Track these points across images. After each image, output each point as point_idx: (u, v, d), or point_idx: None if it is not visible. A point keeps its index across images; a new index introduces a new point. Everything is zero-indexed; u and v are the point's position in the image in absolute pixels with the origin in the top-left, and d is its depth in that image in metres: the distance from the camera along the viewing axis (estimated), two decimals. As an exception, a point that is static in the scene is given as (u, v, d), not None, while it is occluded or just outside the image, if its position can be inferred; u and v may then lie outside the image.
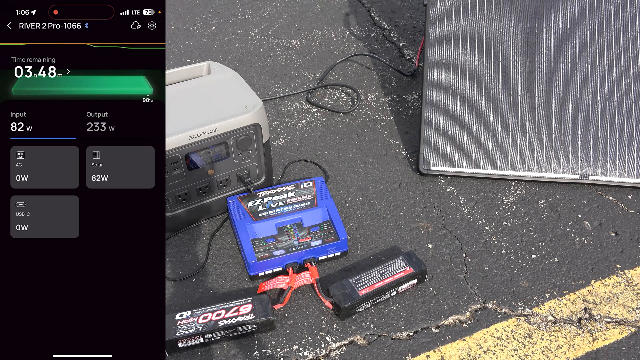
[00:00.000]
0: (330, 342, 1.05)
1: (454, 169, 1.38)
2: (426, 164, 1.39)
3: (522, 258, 1.21)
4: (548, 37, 1.43)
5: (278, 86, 1.75)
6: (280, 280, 1.12)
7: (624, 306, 1.11)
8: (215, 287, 1.15)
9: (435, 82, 1.43)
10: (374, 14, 2.12)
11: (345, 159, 1.47)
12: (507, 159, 1.37)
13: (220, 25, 2.07)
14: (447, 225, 1.29)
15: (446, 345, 1.05)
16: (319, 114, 1.63)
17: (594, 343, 1.05)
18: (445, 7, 1.48)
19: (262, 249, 1.15)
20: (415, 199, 1.35)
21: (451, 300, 1.12)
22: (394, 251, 1.23)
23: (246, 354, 1.03)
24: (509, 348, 1.04)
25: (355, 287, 1.08)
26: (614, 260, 1.20)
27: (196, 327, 1.01)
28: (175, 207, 1.21)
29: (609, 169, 1.34)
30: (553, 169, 1.36)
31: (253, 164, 1.26)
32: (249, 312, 1.04)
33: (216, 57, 1.89)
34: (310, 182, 1.28)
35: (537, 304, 1.12)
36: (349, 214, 1.32)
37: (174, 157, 1.13)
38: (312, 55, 1.89)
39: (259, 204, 1.23)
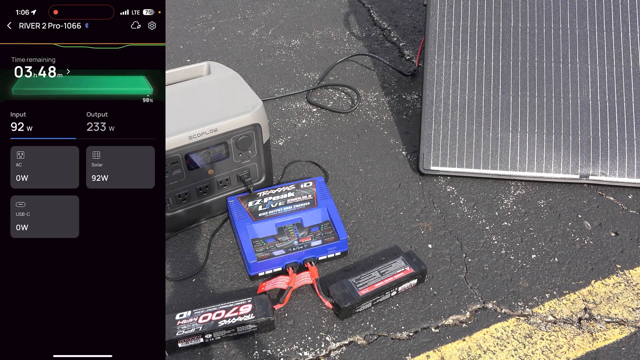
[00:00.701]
0: (330, 342, 1.05)
1: (454, 169, 1.38)
2: (426, 164, 1.39)
3: (522, 258, 1.21)
4: (548, 37, 1.43)
5: (278, 86, 1.75)
6: (280, 280, 1.12)
7: (624, 306, 1.11)
8: (215, 287, 1.15)
9: (435, 82, 1.43)
10: (374, 14, 2.12)
11: (345, 159, 1.47)
12: (507, 159, 1.37)
13: (220, 25, 2.07)
14: (447, 225, 1.29)
15: (446, 345, 1.05)
16: (319, 114, 1.63)
17: (594, 343, 1.05)
18: (445, 7, 1.48)
19: (262, 249, 1.15)
20: (415, 199, 1.35)
21: (451, 300, 1.12)
22: (394, 251, 1.23)
23: (246, 354, 1.03)
24: (509, 348, 1.04)
25: (355, 287, 1.08)
26: (614, 260, 1.20)
27: (196, 327, 1.01)
28: (175, 207, 1.21)
29: (609, 169, 1.34)
30: (553, 169, 1.36)
31: (253, 164, 1.26)
32: (249, 312, 1.04)
33: (216, 57, 1.89)
34: (310, 182, 1.28)
35: (537, 304, 1.12)
36: (349, 214, 1.32)
37: (174, 157, 1.13)
38: (312, 55, 1.89)
39: (259, 204, 1.23)
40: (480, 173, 1.38)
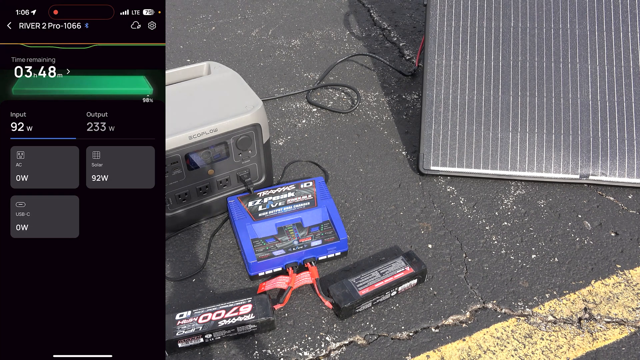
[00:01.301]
0: (330, 342, 1.05)
1: (454, 169, 1.38)
2: (426, 164, 1.39)
3: (522, 258, 1.21)
4: (548, 37, 1.43)
5: (278, 86, 1.75)
6: (280, 280, 1.12)
7: (624, 306, 1.11)
8: (215, 287, 1.15)
9: (435, 82, 1.43)
10: (374, 14, 2.12)
11: (345, 159, 1.47)
12: (507, 159, 1.37)
13: (220, 25, 2.07)
14: (447, 225, 1.29)
15: (446, 345, 1.05)
16: (319, 114, 1.63)
17: (594, 343, 1.05)
18: (445, 7, 1.48)
19: (262, 249, 1.15)
20: (415, 199, 1.35)
21: (451, 300, 1.12)
22: (394, 251, 1.23)
23: (246, 354, 1.03)
24: (509, 348, 1.04)
25: (355, 287, 1.08)
26: (614, 260, 1.20)
27: (196, 327, 1.01)
28: (175, 207, 1.21)
29: (609, 169, 1.34)
30: (553, 169, 1.36)
31: (253, 164, 1.26)
32: (249, 312, 1.04)
33: (216, 57, 1.89)
34: (310, 182, 1.28)
35: (537, 304, 1.12)
36: (349, 214, 1.32)
37: (174, 157, 1.13)
38: (312, 55, 1.89)
39: (259, 204, 1.23)
40: (480, 173, 1.38)
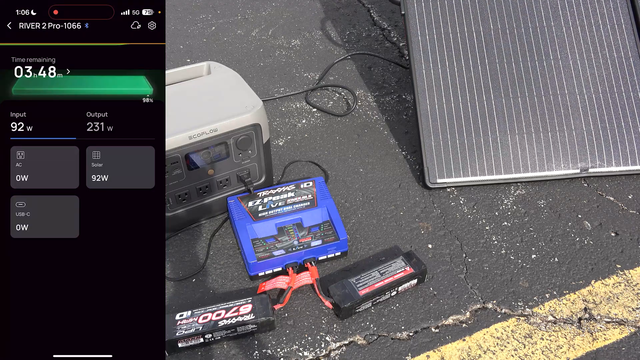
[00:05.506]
0: (330, 342, 1.05)
1: (460, 179, 1.36)
2: (432, 178, 1.36)
3: (522, 258, 1.21)
4: (528, 35, 1.44)
5: (278, 86, 1.75)
6: (280, 280, 1.12)
7: (624, 306, 1.11)
8: (215, 287, 1.15)
9: (426, 91, 1.42)
10: (374, 14, 2.12)
11: (345, 159, 1.47)
12: (509, 162, 1.37)
13: (220, 25, 2.07)
14: (447, 225, 1.29)
15: (446, 345, 1.05)
16: (319, 114, 1.63)
17: (594, 343, 1.05)
18: (423, 15, 1.48)
19: (262, 249, 1.15)
20: (415, 199, 1.35)
21: (451, 300, 1.12)
22: (394, 251, 1.23)
23: (246, 354, 1.03)
24: (509, 348, 1.04)
25: (355, 287, 1.08)
26: (614, 260, 1.20)
27: (196, 327, 1.01)
28: (175, 207, 1.21)
29: (606, 159, 1.36)
30: (555, 166, 1.36)
31: (253, 164, 1.26)
32: (249, 312, 1.04)
33: (216, 57, 1.89)
34: (310, 182, 1.28)
35: (537, 304, 1.12)
36: (349, 214, 1.32)
37: (174, 157, 1.13)
38: (312, 55, 1.89)
39: (259, 204, 1.23)
40: (486, 180, 1.36)
